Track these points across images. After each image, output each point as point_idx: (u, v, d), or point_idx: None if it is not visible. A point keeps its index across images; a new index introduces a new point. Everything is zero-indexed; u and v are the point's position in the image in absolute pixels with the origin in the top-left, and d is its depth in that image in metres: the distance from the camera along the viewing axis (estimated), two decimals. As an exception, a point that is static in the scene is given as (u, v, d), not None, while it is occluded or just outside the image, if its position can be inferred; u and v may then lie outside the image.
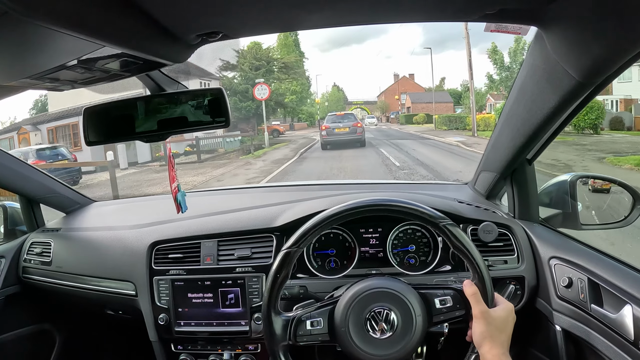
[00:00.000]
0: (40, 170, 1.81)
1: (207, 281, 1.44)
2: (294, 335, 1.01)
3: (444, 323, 1.04)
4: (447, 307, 1.01)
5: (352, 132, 17.06)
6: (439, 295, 1.02)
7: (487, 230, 1.37)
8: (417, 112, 42.02)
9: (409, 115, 42.56)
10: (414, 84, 55.91)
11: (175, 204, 1.23)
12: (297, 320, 1.02)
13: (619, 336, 1.00)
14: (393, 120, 49.26)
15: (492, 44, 29.28)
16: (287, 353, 1.02)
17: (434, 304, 1.02)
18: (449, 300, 1.01)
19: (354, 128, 17.24)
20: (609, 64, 0.79)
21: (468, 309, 0.99)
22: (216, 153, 19.04)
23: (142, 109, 1.01)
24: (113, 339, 2.17)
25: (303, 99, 40.65)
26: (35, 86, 0.87)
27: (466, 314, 1.00)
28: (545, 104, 0.99)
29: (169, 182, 1.23)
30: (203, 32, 0.73)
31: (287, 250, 1.02)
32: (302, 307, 1.07)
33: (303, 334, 1.01)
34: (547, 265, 1.29)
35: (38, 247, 1.78)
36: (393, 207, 1.02)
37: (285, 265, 1.01)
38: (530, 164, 1.40)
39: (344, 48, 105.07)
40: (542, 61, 0.89)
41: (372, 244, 1.48)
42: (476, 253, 0.99)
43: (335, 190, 1.88)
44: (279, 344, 1.01)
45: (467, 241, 1.00)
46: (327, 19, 0.76)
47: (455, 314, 1.01)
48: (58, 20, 0.53)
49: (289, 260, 1.01)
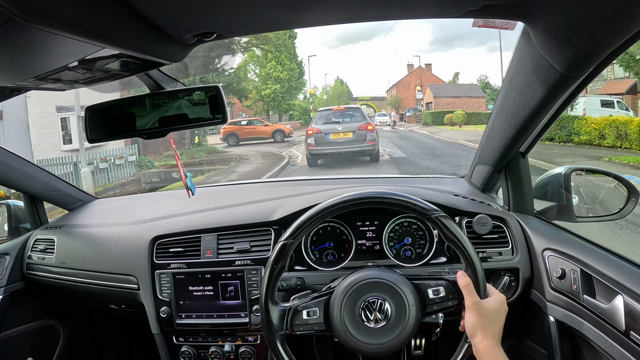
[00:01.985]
0: (43, 169, 1.83)
1: (208, 274, 1.46)
2: (291, 324, 1.03)
3: (437, 313, 1.06)
4: (440, 297, 1.03)
5: (359, 140, 10.97)
6: (432, 285, 1.04)
7: (481, 222, 1.39)
8: (442, 109, 31.89)
9: (437, 114, 30.80)
10: (432, 75, 46.58)
11: (185, 188, 1.31)
12: (294, 310, 1.04)
13: (610, 326, 1.01)
14: (410, 119, 37.06)
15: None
16: (284, 342, 1.04)
17: (427, 294, 1.04)
18: (442, 290, 1.03)
19: (361, 133, 11.01)
20: (591, 57, 0.81)
21: (461, 299, 1.01)
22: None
23: (141, 106, 1.03)
24: (116, 333, 2.20)
25: (292, 90, 31.43)
26: (38, 86, 0.90)
27: (459, 304, 1.02)
28: (533, 97, 1.01)
29: (178, 170, 1.31)
30: (198, 33, 0.75)
31: (284, 242, 1.04)
32: (298, 297, 1.10)
33: (299, 323, 1.04)
34: (540, 257, 1.30)
35: (42, 244, 1.81)
36: (386, 200, 1.04)
37: (282, 256, 1.04)
38: (524, 157, 1.42)
39: (351, 45, 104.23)
40: (529, 55, 0.91)
41: (368, 237, 1.50)
42: (468, 244, 1.01)
43: (332, 184, 1.90)
44: (276, 334, 1.03)
45: (459, 232, 1.02)
46: (318, 17, 0.78)
47: (448, 304, 1.03)
48: (59, 25, 0.55)
49: (285, 251, 1.04)
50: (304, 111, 33.60)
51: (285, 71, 29.80)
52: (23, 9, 0.49)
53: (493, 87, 40.44)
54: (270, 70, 29.78)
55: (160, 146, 16.22)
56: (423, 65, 47.24)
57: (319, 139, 11.04)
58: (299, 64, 32.22)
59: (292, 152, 16.00)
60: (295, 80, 31.34)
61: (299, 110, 33.82)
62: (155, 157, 15.70)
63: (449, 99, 35.79)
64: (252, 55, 29.42)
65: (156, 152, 16.29)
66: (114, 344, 2.22)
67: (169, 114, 1.04)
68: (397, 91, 47.83)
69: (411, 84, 45.96)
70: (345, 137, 11.03)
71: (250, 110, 31.12)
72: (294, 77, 30.92)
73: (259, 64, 30.73)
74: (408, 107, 41.85)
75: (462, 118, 26.64)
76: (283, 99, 30.85)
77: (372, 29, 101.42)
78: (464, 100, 34.21)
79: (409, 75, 47.86)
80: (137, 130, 1.05)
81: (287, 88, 30.50)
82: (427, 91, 39.58)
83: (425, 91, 40.61)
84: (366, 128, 11.10)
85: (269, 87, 29.77)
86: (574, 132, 13.06)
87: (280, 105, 30.96)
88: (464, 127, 24.72)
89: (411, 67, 48.98)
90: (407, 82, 47.29)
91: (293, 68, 30.75)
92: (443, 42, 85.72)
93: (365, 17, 0.80)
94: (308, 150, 11.45)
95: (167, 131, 1.04)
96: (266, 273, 1.04)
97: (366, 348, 1.01)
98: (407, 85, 46.71)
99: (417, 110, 38.21)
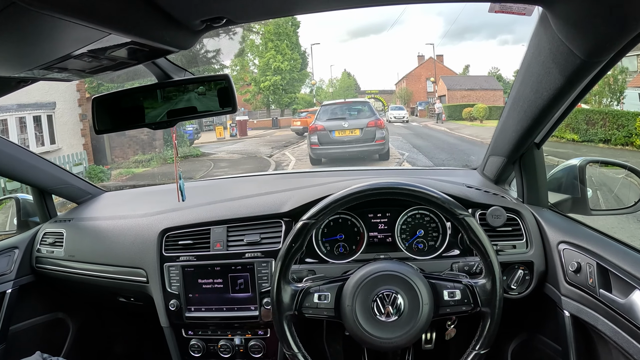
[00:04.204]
0: (51, 162, 1.83)
1: (217, 267, 1.46)
2: (300, 305, 1.04)
3: (449, 316, 1.05)
4: (455, 300, 1.03)
5: (367, 139, 9.85)
6: (448, 287, 1.04)
7: (495, 214, 1.37)
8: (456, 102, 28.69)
9: (454, 107, 27.04)
10: (444, 67, 42.07)
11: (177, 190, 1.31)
12: (305, 292, 1.04)
13: (627, 322, 0.99)
14: (423, 113, 33.00)
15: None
16: (290, 323, 1.04)
17: (443, 295, 1.03)
18: (458, 294, 1.03)
19: (369, 130, 9.89)
20: (612, 42, 0.78)
21: (474, 305, 1.01)
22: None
23: (149, 96, 1.02)
24: (125, 326, 2.21)
25: (294, 82, 28.65)
26: (45, 76, 0.89)
27: (472, 309, 1.02)
28: (551, 85, 0.98)
29: (174, 170, 1.30)
30: (207, 18, 0.73)
31: (305, 221, 1.04)
32: (311, 280, 1.10)
33: (309, 305, 1.04)
34: (555, 250, 1.28)
35: (51, 237, 1.81)
36: (412, 192, 1.04)
37: (301, 235, 1.04)
38: (539, 148, 1.39)
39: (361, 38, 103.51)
40: (547, 41, 0.88)
41: (380, 229, 1.49)
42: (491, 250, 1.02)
43: (341, 176, 1.89)
44: (285, 313, 1.03)
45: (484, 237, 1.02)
46: (326, 2, 0.76)
47: (461, 309, 1.03)
48: (64, 10, 0.53)
49: (305, 231, 1.04)
50: (307, 105, 29.82)
51: (286, 61, 27.22)
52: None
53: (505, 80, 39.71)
54: (270, 60, 27.13)
55: (128, 149, 14.47)
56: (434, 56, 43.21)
57: (322, 137, 9.97)
58: (301, 54, 29.70)
59: (286, 156, 13.43)
60: (298, 72, 28.88)
61: (303, 104, 30.20)
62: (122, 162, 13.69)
63: (463, 91, 32.15)
64: (252, 44, 27.63)
65: (124, 156, 14.34)
66: (123, 337, 2.23)
67: (178, 104, 1.03)
68: (407, 84, 43.18)
69: (422, 76, 42.47)
70: (351, 136, 9.92)
71: (249, 105, 29.38)
72: (295, 68, 28.37)
73: (258, 54, 28.22)
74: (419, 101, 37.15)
75: (484, 112, 23.07)
76: (284, 91, 28.26)
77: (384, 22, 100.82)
78: (479, 93, 30.75)
79: (419, 67, 43.51)
80: (144, 121, 1.04)
81: (289, 80, 27.98)
82: (440, 83, 35.90)
83: (439, 84, 36.34)
84: (375, 125, 9.98)
85: (268, 79, 27.13)
86: (636, 133, 10.46)
87: (281, 98, 28.25)
88: (485, 123, 21.51)
89: (421, 58, 44.26)
90: (417, 74, 43.04)
91: (295, 58, 28.06)
92: (453, 36, 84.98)
93: (375, 1, 0.78)
94: (311, 150, 10.30)
95: (175, 121, 1.03)
96: (283, 250, 1.04)
97: (373, 341, 1.01)
98: (418, 77, 42.58)
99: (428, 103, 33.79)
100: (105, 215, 1.80)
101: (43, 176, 1.81)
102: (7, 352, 1.69)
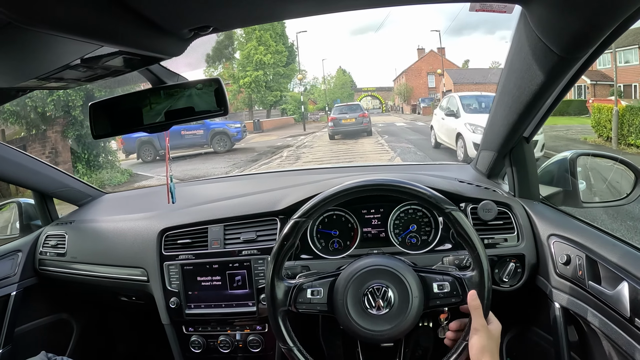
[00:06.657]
0: (51, 166, 1.86)
1: (215, 265, 1.48)
2: (294, 301, 1.06)
3: (439, 308, 1.07)
4: (444, 292, 1.04)
5: (359, 123, 17.87)
6: (437, 280, 1.05)
7: (486, 208, 1.39)
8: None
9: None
10: (447, 60, 39.70)
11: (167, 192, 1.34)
12: (299, 288, 1.07)
13: (615, 313, 1.00)
14: (427, 111, 28.87)
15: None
16: (285, 318, 1.07)
17: (432, 287, 1.05)
18: (447, 286, 1.04)
19: (360, 119, 18.02)
20: (588, 39, 0.80)
21: (463, 297, 1.02)
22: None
23: (144, 101, 1.04)
24: (128, 324, 2.24)
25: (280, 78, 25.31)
26: (42, 86, 0.92)
27: (461, 301, 1.03)
28: (533, 81, 1.00)
29: (165, 172, 1.32)
30: (194, 27, 0.75)
31: (296, 219, 1.06)
32: (304, 276, 1.12)
33: (303, 301, 1.06)
34: (546, 243, 1.30)
35: (53, 240, 1.84)
36: (399, 189, 1.05)
37: (293, 233, 1.06)
38: (528, 142, 1.41)
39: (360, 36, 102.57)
40: (527, 39, 0.90)
41: (373, 225, 1.51)
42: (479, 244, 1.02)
43: (335, 173, 1.91)
44: (279, 309, 1.06)
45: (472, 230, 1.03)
46: (316, 5, 0.78)
47: (451, 300, 1.04)
48: (56, 26, 0.56)
49: (297, 229, 1.06)
50: (298, 104, 26.87)
51: (270, 54, 24.29)
52: (20, 14, 0.50)
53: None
54: (251, 52, 24.13)
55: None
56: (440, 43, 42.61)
57: (335, 123, 17.88)
58: (288, 47, 26.55)
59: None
60: (283, 66, 25.69)
61: (292, 104, 27.79)
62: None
63: (471, 85, 30.30)
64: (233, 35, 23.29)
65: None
66: (125, 335, 2.26)
67: (172, 108, 1.05)
68: (406, 79, 42.04)
69: (422, 70, 40.81)
70: (351, 122, 17.80)
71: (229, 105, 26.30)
72: (281, 62, 25.24)
73: (239, 47, 25.15)
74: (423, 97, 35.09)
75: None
76: (268, 89, 25.17)
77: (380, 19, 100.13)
78: (488, 87, 27.16)
79: (419, 61, 42.34)
80: (140, 125, 1.06)
81: (273, 75, 24.94)
82: (446, 77, 34.67)
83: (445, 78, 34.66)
84: (363, 116, 18.22)
85: (249, 74, 24.15)
86: None
87: (265, 97, 25.07)
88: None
89: (422, 51, 43.07)
90: (417, 69, 41.95)
91: (280, 50, 25.00)
92: (452, 32, 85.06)
93: (361, 4, 0.79)
94: (329, 130, 18.31)
95: (169, 125, 1.05)
96: (275, 248, 1.06)
97: (366, 334, 1.03)
98: (418, 72, 41.45)
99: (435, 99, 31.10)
100: (106, 217, 1.82)
101: (44, 180, 1.84)
102: (13, 352, 1.72)
